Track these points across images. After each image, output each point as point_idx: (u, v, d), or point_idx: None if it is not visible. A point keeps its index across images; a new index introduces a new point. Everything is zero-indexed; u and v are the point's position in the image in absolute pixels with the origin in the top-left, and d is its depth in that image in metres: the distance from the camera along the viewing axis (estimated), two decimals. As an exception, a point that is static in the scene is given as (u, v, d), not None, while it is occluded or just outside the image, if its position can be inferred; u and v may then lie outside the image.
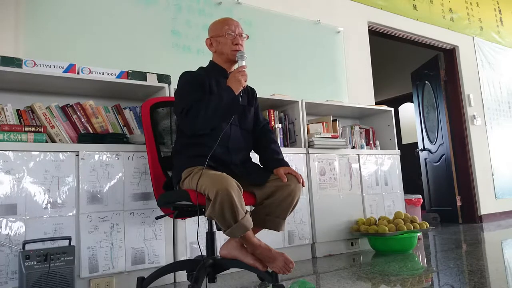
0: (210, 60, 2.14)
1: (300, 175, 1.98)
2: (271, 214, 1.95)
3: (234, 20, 2.10)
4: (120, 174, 2.23)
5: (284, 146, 3.10)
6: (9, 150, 1.96)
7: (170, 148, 2.21)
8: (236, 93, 1.88)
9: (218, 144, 1.88)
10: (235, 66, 2.02)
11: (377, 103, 4.21)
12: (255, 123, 2.18)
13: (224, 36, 2.03)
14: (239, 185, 1.74)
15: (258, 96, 2.93)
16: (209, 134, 1.92)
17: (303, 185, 1.98)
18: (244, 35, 2.07)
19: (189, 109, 1.85)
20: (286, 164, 2.04)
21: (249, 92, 2.18)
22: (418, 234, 3.17)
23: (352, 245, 3.20)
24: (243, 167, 2.02)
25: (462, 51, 5.31)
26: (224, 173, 1.77)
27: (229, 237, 1.91)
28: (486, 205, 5.06)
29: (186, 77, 2.01)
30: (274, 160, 2.06)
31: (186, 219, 2.37)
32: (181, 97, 1.94)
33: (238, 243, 1.88)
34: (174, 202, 1.93)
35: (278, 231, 1.99)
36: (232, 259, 1.89)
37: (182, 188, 1.91)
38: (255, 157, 2.18)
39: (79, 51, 2.62)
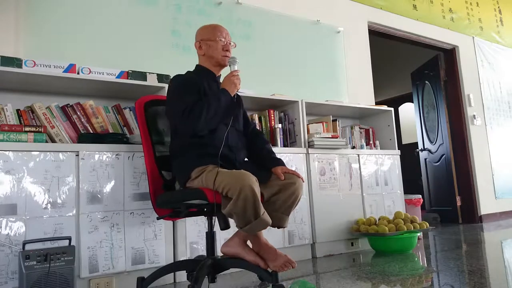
0: (197, 64, 2.17)
1: (297, 172, 2.05)
2: (277, 211, 1.99)
3: (225, 28, 2.17)
4: (120, 174, 2.23)
5: (284, 146, 3.10)
6: (9, 150, 1.96)
7: (166, 147, 2.19)
8: (232, 95, 1.97)
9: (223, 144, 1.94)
10: (223, 70, 2.11)
11: (377, 103, 4.21)
12: (245, 125, 2.24)
13: (216, 41, 2.09)
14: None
15: (257, 96, 2.99)
16: (211, 134, 1.95)
17: (303, 181, 2.05)
18: (232, 43, 2.15)
19: (190, 110, 1.87)
20: (282, 163, 2.10)
21: (236, 96, 2.24)
22: (418, 234, 3.17)
23: (352, 245, 3.20)
24: (246, 165, 2.06)
25: (462, 51, 5.31)
26: (243, 170, 1.82)
27: (231, 236, 1.96)
28: (486, 205, 5.06)
29: (179, 79, 2.04)
30: (271, 160, 2.12)
31: (186, 219, 2.37)
32: (179, 99, 1.94)
33: (241, 241, 1.92)
34: (185, 201, 1.90)
35: (284, 227, 2.04)
36: (233, 258, 1.91)
37: (190, 187, 1.90)
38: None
39: (79, 51, 2.61)
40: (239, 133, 2.13)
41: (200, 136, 1.93)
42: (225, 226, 1.86)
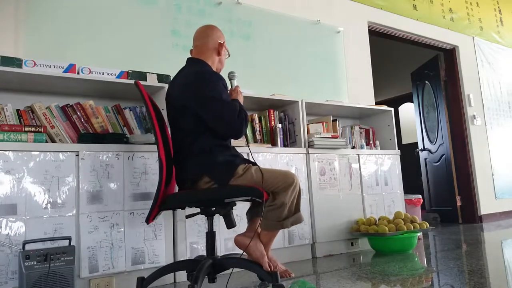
0: (207, 63, 2.09)
1: None
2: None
3: None
4: (120, 174, 2.23)
5: (284, 146, 3.09)
6: (9, 150, 1.96)
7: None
8: None
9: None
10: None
11: (377, 103, 4.21)
12: None
13: (227, 52, 2.21)
14: None
15: (257, 96, 2.99)
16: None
17: None
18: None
19: (245, 114, 1.97)
20: None
21: None
22: (418, 234, 3.17)
23: (352, 245, 3.20)
24: None
25: (462, 51, 5.31)
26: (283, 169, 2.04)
27: (248, 228, 2.07)
28: (486, 205, 5.06)
29: (220, 79, 2.01)
30: None
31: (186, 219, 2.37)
32: (227, 100, 1.96)
33: (257, 233, 1.99)
34: (237, 198, 1.91)
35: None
36: (232, 258, 1.96)
37: (238, 185, 1.90)
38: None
39: (79, 51, 2.61)
40: None
41: (222, 138, 1.99)
42: (231, 225, 1.91)
